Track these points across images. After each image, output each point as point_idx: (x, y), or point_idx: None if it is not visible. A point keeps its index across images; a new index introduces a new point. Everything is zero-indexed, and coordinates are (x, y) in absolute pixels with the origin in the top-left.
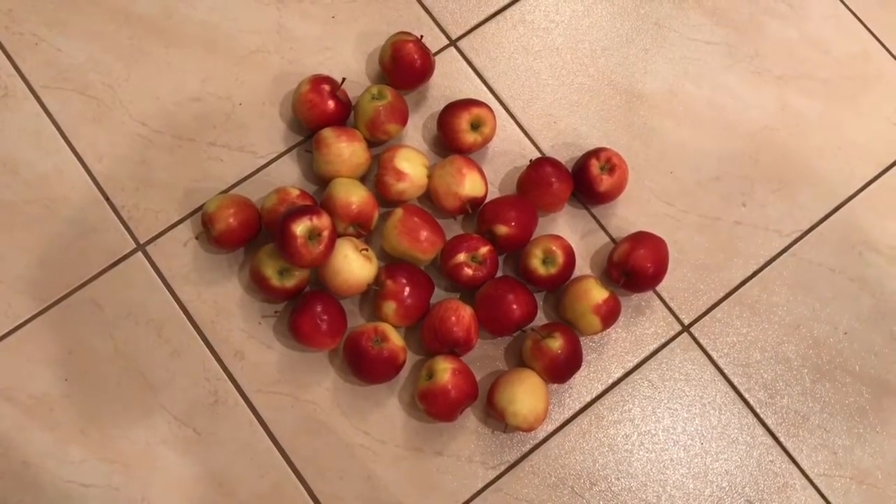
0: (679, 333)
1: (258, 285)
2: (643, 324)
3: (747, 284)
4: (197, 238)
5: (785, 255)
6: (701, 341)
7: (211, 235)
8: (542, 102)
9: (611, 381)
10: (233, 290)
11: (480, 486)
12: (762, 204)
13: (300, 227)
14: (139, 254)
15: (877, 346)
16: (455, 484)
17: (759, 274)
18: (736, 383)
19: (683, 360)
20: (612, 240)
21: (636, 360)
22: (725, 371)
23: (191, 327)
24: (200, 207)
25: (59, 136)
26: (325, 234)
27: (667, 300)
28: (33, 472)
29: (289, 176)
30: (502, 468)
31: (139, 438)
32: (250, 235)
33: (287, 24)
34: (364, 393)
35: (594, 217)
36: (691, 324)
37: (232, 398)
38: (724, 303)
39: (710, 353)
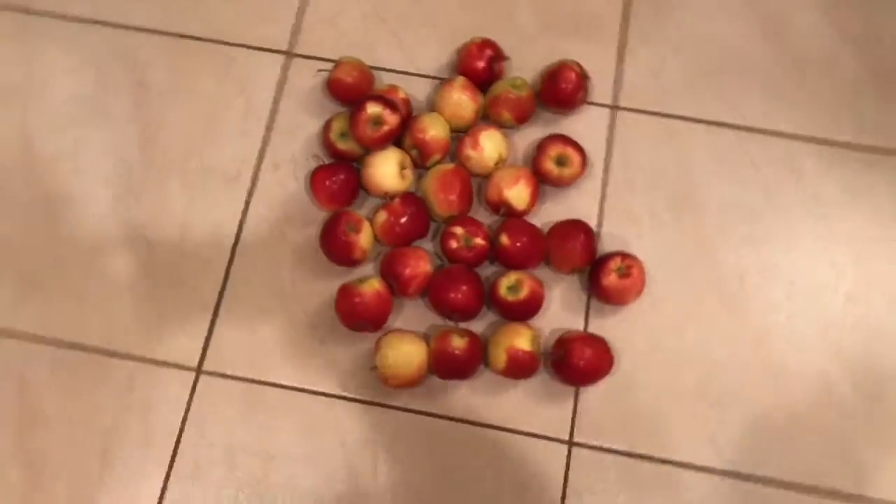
0: (560, 440)
1: (322, 132)
2: (542, 405)
3: (663, 465)
4: (319, 71)
5: (729, 478)
6: (572, 463)
7: (328, 78)
8: (639, 203)
9: (465, 418)
10: (315, 126)
11: (323, 390)
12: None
13: (371, 109)
14: (285, 57)
15: None
16: (307, 374)
17: (681, 466)
18: None
19: (535, 462)
20: (584, 330)
21: (501, 422)
22: None
23: (266, 122)
24: None
25: None
26: (386, 128)
27: (579, 409)
28: None
29: (415, 93)
30: (351, 396)
31: None
32: (354, 98)
33: None
34: (322, 263)
35: (587, 303)
36: (578, 444)
37: (243, 189)
38: (625, 458)
39: (570, 477)
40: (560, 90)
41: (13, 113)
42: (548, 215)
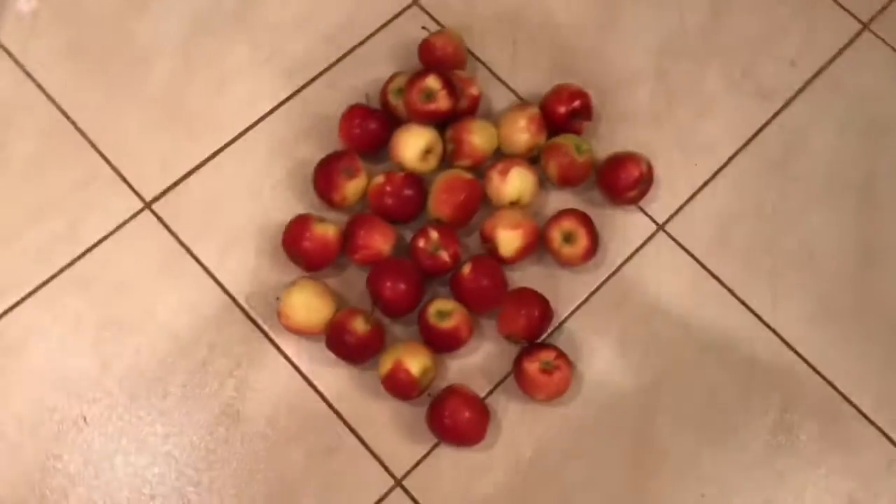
0: (391, 474)
1: (386, 80)
2: (399, 434)
3: None
4: (423, 28)
5: None
6: (386, 501)
7: (425, 38)
8: (617, 324)
9: (327, 397)
10: (388, 73)
11: (230, 290)
12: None
13: (430, 82)
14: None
15: None
16: (226, 268)
17: None
18: None
19: (356, 475)
20: (482, 398)
21: (353, 422)
22: None
23: (353, 44)
24: None
25: None
26: (433, 107)
27: (426, 460)
28: None
29: (492, 99)
30: (248, 310)
31: None
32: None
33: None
34: (308, 189)
35: (504, 377)
36: (403, 488)
37: (291, 87)
38: None
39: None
40: (616, 178)
41: None
42: (528, 278)
